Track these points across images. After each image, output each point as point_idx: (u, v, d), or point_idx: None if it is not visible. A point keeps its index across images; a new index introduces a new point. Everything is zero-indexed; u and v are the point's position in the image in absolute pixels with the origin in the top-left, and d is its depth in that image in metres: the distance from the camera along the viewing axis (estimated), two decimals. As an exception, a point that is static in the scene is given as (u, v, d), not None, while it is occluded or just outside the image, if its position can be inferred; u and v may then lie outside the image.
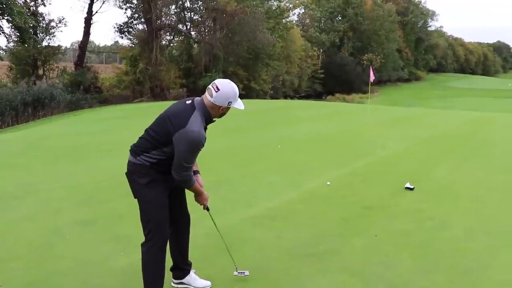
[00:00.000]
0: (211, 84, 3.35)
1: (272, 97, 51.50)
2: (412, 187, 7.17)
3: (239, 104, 3.48)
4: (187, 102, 3.45)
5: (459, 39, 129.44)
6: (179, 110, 3.36)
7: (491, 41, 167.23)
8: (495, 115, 24.87)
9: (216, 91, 3.27)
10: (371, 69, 19.03)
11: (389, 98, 56.47)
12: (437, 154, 10.84)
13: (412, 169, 8.86)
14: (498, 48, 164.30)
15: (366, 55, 74.50)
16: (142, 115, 19.98)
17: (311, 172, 8.40)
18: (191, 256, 3.96)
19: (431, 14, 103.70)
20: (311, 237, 5.09)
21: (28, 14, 33.75)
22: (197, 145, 3.27)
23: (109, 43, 76.00)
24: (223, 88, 3.30)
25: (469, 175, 8.42)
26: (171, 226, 3.61)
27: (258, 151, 10.93)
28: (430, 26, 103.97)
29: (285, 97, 55.91)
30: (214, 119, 3.50)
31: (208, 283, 3.90)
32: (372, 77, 18.26)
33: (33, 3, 36.47)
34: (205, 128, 3.41)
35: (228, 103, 3.35)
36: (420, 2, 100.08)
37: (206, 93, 3.34)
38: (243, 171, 8.43)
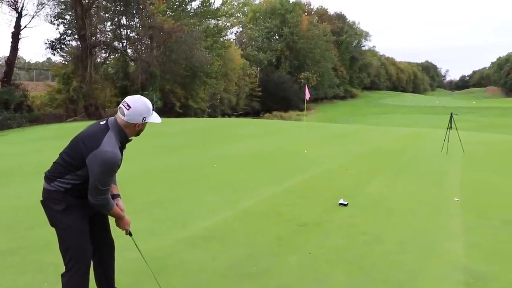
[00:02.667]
0: (121, 102, 3.23)
1: (210, 115, 51.51)
2: (346, 203, 7.26)
3: (154, 118, 3.31)
4: (101, 123, 3.29)
5: (391, 58, 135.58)
6: (93, 131, 3.22)
7: (419, 61, 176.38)
8: (424, 130, 25.99)
9: (128, 109, 3.16)
10: (306, 87, 19.37)
11: (325, 115, 57.82)
12: (370, 170, 11.08)
13: (347, 185, 9.00)
14: (426, 67, 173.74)
15: (302, 73, 76.24)
16: (74, 135, 19.28)
17: (248, 190, 8.33)
18: (121, 282, 3.75)
19: (365, 35, 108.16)
20: (247, 256, 4.99)
21: None
22: (111, 166, 3.10)
23: (41, 59, 73.36)
24: (135, 104, 3.19)
25: (401, 190, 8.65)
26: (95, 253, 3.43)
27: (195, 170, 10.75)
28: (363, 46, 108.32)
29: (223, 115, 56.03)
30: (130, 138, 3.36)
31: None
32: (307, 95, 18.60)
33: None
34: (122, 148, 3.30)
35: (143, 119, 3.23)
36: (354, 22, 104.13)
37: (118, 112, 3.22)
38: (179, 191, 8.23)
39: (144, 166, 10.99)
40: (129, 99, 3.23)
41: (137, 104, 3.19)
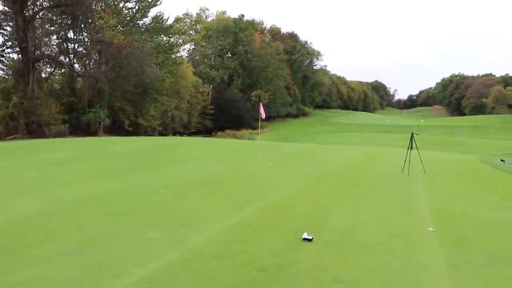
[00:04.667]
0: None
1: (161, 134, 49.96)
2: (310, 237, 6.31)
3: None
4: None
5: (342, 78, 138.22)
6: None
7: (369, 80, 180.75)
8: (379, 149, 25.68)
9: None
10: (261, 106, 18.49)
11: (279, 134, 57.42)
12: (332, 194, 10.25)
13: (308, 214, 8.07)
14: (376, 87, 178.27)
15: (255, 92, 75.91)
16: (13, 155, 17.62)
17: (197, 223, 7.24)
18: None
19: (317, 54, 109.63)
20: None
21: None
22: None
23: None
24: None
25: (368, 218, 7.81)
26: None
27: (139, 198, 9.52)
28: (315, 65, 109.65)
29: (175, 133, 54.60)
30: None
31: None
32: (263, 114, 17.71)
33: None
34: None
35: None
36: (306, 42, 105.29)
37: None
38: (117, 226, 7.02)
39: (81, 193, 9.69)
40: None
41: None
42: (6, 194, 9.39)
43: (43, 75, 44.39)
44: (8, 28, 39.33)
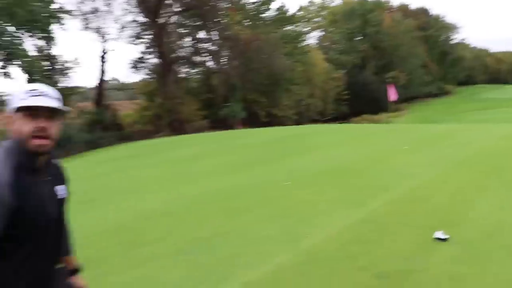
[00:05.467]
0: None
1: (297, 122, 49.97)
2: (445, 237, 5.40)
3: (24, 102, 1.88)
4: None
5: (485, 49, 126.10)
6: None
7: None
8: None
9: None
10: (390, 88, 17.20)
11: (418, 115, 54.15)
12: (475, 182, 8.97)
13: (445, 207, 7.06)
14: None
15: (390, 73, 72.43)
16: (151, 152, 18.72)
17: (317, 218, 6.70)
18: None
19: (453, 27, 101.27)
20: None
21: (40, 58, 34.10)
22: None
23: (128, 79, 76.44)
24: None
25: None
26: None
27: (262, 191, 9.26)
28: (453, 39, 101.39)
29: (311, 121, 54.29)
30: (31, 148, 1.90)
31: None
32: (392, 96, 16.45)
33: (46, 45, 36.56)
34: (30, 169, 1.91)
35: (10, 106, 1.93)
36: (439, 16, 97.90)
37: None
38: (232, 223, 6.79)
39: (205, 189, 9.73)
40: None
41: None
42: (133, 191, 9.79)
43: (182, 76, 47.23)
44: (147, 36, 42.28)
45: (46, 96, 1.92)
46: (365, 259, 4.93)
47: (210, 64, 48.61)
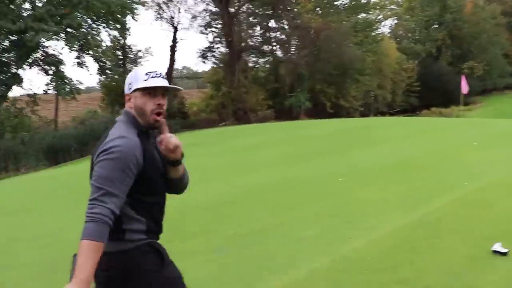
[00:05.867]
0: None
1: (363, 114, 48.74)
2: (505, 250, 4.85)
3: (148, 82, 2.23)
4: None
5: None
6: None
7: None
8: None
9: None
10: (463, 80, 16.17)
11: (494, 109, 51.09)
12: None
13: (510, 214, 6.44)
14: None
15: (466, 63, 68.74)
16: (215, 141, 18.86)
17: (365, 220, 6.33)
18: None
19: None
20: None
21: (113, 48, 35.44)
22: (119, 152, 2.09)
23: (199, 68, 77.72)
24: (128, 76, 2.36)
25: None
26: None
27: (315, 186, 8.98)
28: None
29: (378, 113, 52.76)
30: (151, 122, 2.28)
31: None
32: (464, 89, 15.45)
33: (120, 37, 37.92)
34: (148, 137, 2.32)
35: (129, 88, 2.28)
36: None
37: None
38: (276, 220, 6.57)
39: (259, 181, 9.59)
40: None
41: (128, 76, 2.35)
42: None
43: (250, 65, 47.34)
44: (218, 26, 42.54)
45: (162, 77, 2.28)
46: (408, 271, 4.53)
47: (279, 53, 48.30)
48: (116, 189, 2.03)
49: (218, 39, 42.18)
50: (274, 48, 48.42)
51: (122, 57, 39.59)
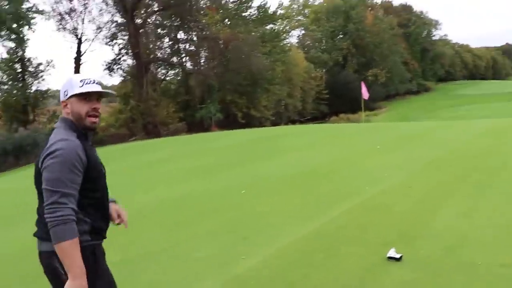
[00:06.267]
0: None
1: (275, 123, 49.31)
2: (398, 256, 4.70)
3: (82, 88, 2.39)
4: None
5: (465, 45, 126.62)
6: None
7: (498, 45, 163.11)
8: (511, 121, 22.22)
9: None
10: (363, 85, 16.60)
11: (397, 113, 53.85)
12: (444, 185, 8.34)
13: (407, 216, 6.38)
14: (507, 50, 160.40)
15: (370, 71, 72.18)
16: (122, 157, 17.94)
17: (262, 235, 5.96)
18: None
19: (434, 24, 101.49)
20: None
21: (11, 61, 33.22)
22: (65, 154, 2.21)
23: (108, 82, 75.20)
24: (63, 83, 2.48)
25: (485, 221, 5.91)
26: None
27: (216, 200, 8.53)
28: (434, 36, 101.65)
29: (290, 122, 53.65)
30: (88, 125, 2.43)
31: None
32: (365, 94, 15.85)
33: (18, 48, 35.59)
34: (87, 139, 2.45)
35: (66, 95, 2.42)
36: (422, 12, 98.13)
37: None
38: (169, 239, 6.03)
39: (156, 198, 8.98)
40: None
41: (64, 81, 2.48)
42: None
43: (159, 77, 46.30)
44: (125, 37, 41.18)
45: (96, 84, 2.42)
46: (304, 284, 4.20)
47: (189, 65, 47.72)
48: (69, 188, 2.16)
49: (125, 50, 40.78)
50: (184, 60, 47.81)
51: (21, 70, 36.99)
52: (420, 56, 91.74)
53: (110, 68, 40.70)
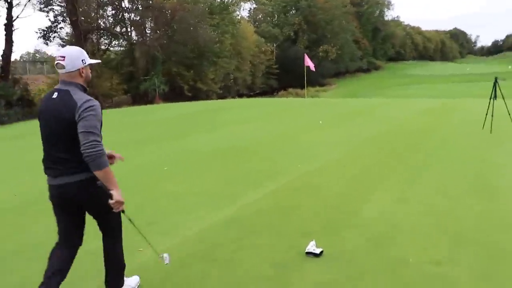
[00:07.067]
0: (55, 62, 2.99)
1: (223, 97, 48.18)
2: (317, 251, 3.94)
3: (91, 59, 3.12)
4: (55, 94, 2.98)
5: (417, 27, 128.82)
6: (58, 102, 2.92)
7: (447, 28, 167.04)
8: (456, 101, 22.20)
9: (63, 60, 2.95)
10: (306, 57, 15.83)
11: (346, 90, 53.81)
12: (381, 164, 7.72)
13: (336, 199, 5.66)
14: (455, 35, 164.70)
15: (321, 47, 71.93)
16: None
17: (170, 220, 5.10)
18: None
19: (387, 4, 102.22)
20: None
21: None
22: (99, 110, 2.94)
23: (32, 50, 71.19)
24: (68, 51, 3.00)
25: (421, 207, 5.27)
26: None
27: (135, 177, 7.52)
28: (386, 16, 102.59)
29: (238, 95, 52.61)
30: (88, 85, 3.17)
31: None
32: (311, 66, 15.07)
33: None
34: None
35: (83, 62, 3.02)
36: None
37: (59, 70, 3.00)
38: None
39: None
40: (60, 52, 3.03)
41: (70, 50, 3.03)
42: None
43: (102, 48, 43.99)
44: (59, 3, 38.61)
45: None
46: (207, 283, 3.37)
47: (134, 35, 45.57)
48: (99, 133, 2.88)
49: (61, 18, 38.25)
50: (129, 30, 45.58)
51: None
52: (372, 35, 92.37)
53: (45, 36, 38.08)
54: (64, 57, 2.92)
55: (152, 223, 5.06)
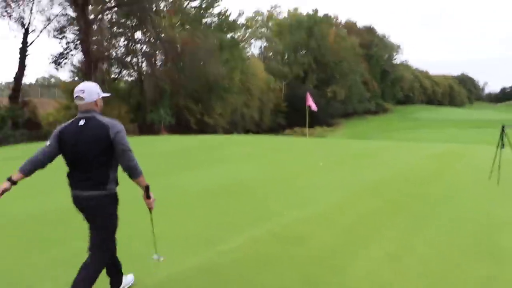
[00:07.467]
0: (74, 95, 3.52)
1: (229, 132, 47.90)
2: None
3: (103, 93, 3.70)
4: (82, 122, 3.53)
5: (425, 71, 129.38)
6: (91, 127, 3.49)
7: (455, 74, 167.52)
8: (464, 147, 21.61)
9: (83, 93, 3.51)
10: (308, 96, 15.47)
11: (353, 131, 53.46)
12: (378, 213, 7.15)
13: (322, 254, 5.05)
14: (463, 80, 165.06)
15: (330, 87, 72.08)
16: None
17: (132, 268, 4.58)
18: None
19: (396, 48, 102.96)
20: None
21: None
22: (124, 130, 3.55)
23: (47, 75, 71.89)
24: (86, 86, 3.57)
25: (418, 269, 4.71)
26: None
27: (120, 210, 7.00)
28: (395, 59, 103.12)
29: (245, 131, 52.33)
30: None
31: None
32: (312, 105, 14.70)
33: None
34: None
35: (98, 94, 3.61)
36: (384, 35, 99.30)
37: (79, 103, 3.53)
38: (33, 260, 4.57)
39: (33, 209, 7.42)
40: (78, 87, 3.55)
41: (89, 85, 3.59)
42: None
43: (113, 76, 44.23)
44: (71, 31, 39.00)
45: None
46: None
47: (144, 66, 45.84)
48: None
49: (73, 45, 38.60)
50: (140, 60, 45.90)
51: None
52: (380, 77, 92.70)
53: (56, 62, 38.39)
54: (83, 90, 3.50)
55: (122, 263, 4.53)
